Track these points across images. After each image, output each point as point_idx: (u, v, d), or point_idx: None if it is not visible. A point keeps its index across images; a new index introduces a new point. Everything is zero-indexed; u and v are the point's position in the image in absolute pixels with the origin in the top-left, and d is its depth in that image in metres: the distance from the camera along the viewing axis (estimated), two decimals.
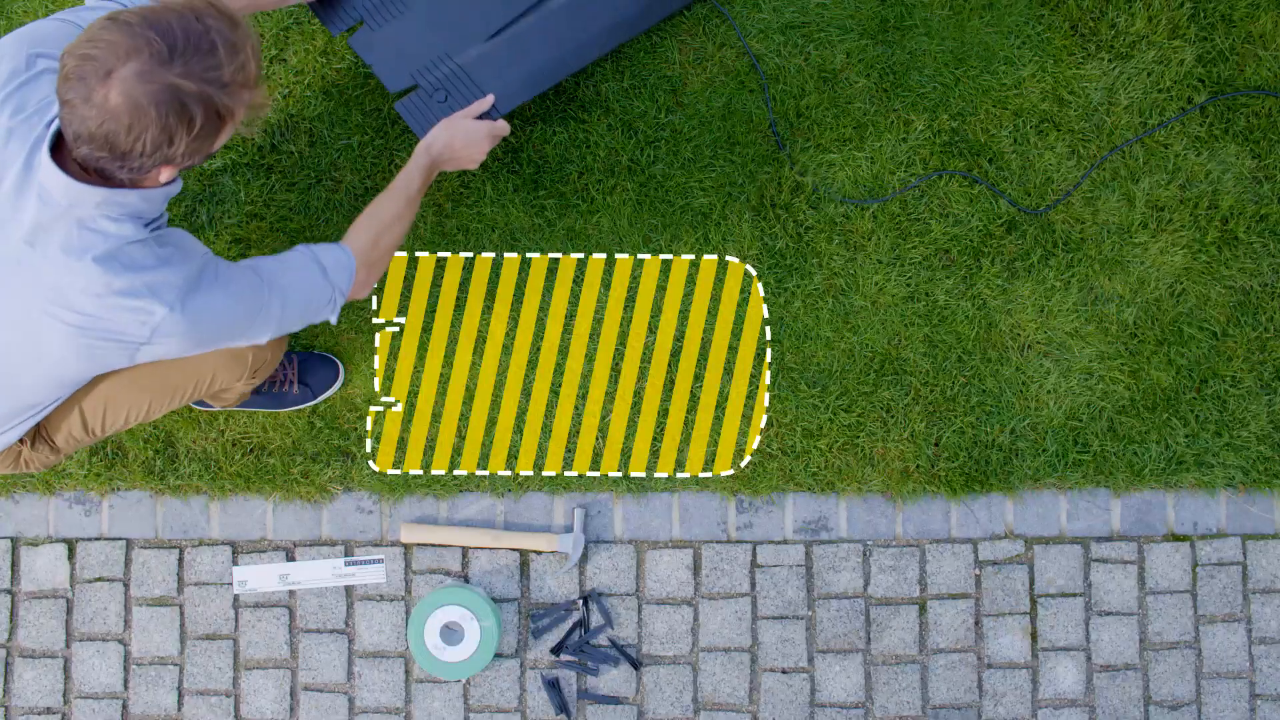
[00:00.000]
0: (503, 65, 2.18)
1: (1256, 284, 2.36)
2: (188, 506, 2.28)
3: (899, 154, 2.36)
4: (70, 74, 1.36)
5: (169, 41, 1.37)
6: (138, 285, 1.49)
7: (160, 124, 1.38)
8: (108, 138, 1.38)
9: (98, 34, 1.37)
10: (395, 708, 2.26)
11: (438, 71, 2.16)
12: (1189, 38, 2.39)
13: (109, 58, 1.35)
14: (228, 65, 1.41)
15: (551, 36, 2.20)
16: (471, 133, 2.04)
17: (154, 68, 1.36)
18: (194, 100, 1.39)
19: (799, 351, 2.32)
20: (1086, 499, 2.32)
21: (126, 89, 1.36)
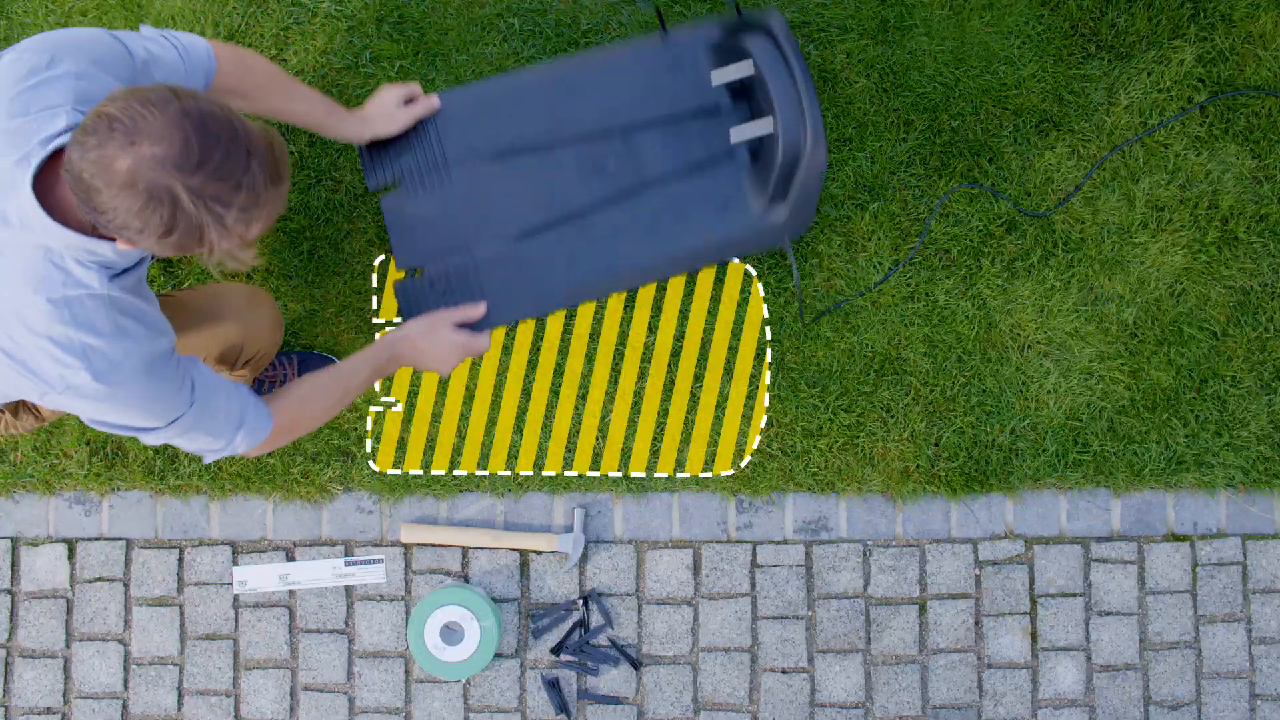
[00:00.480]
0: (516, 275, 2.04)
1: (1256, 284, 2.36)
2: (188, 506, 2.29)
3: (899, 154, 2.36)
4: (103, 117, 1.30)
5: (203, 155, 1.30)
6: (75, 342, 1.43)
7: (140, 212, 1.30)
8: (89, 190, 1.31)
9: (152, 102, 1.30)
10: (395, 708, 2.26)
11: (451, 261, 2.03)
12: (1189, 38, 2.39)
13: (143, 130, 1.29)
14: (238, 210, 1.34)
15: (578, 260, 2.05)
16: (445, 344, 1.92)
17: (172, 166, 1.29)
18: (185, 215, 1.31)
19: (799, 351, 2.32)
20: (1086, 499, 2.32)
21: (135, 165, 1.28)
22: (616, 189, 2.05)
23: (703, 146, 2.06)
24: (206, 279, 2.29)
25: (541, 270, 2.05)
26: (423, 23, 2.37)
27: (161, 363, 1.53)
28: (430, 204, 2.05)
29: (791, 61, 1.89)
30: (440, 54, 2.37)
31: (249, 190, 1.33)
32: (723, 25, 2.07)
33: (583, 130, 2.06)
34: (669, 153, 2.06)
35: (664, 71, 2.07)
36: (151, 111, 1.29)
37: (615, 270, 2.05)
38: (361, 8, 2.38)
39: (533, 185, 2.05)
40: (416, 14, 2.37)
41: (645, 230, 2.05)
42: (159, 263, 2.31)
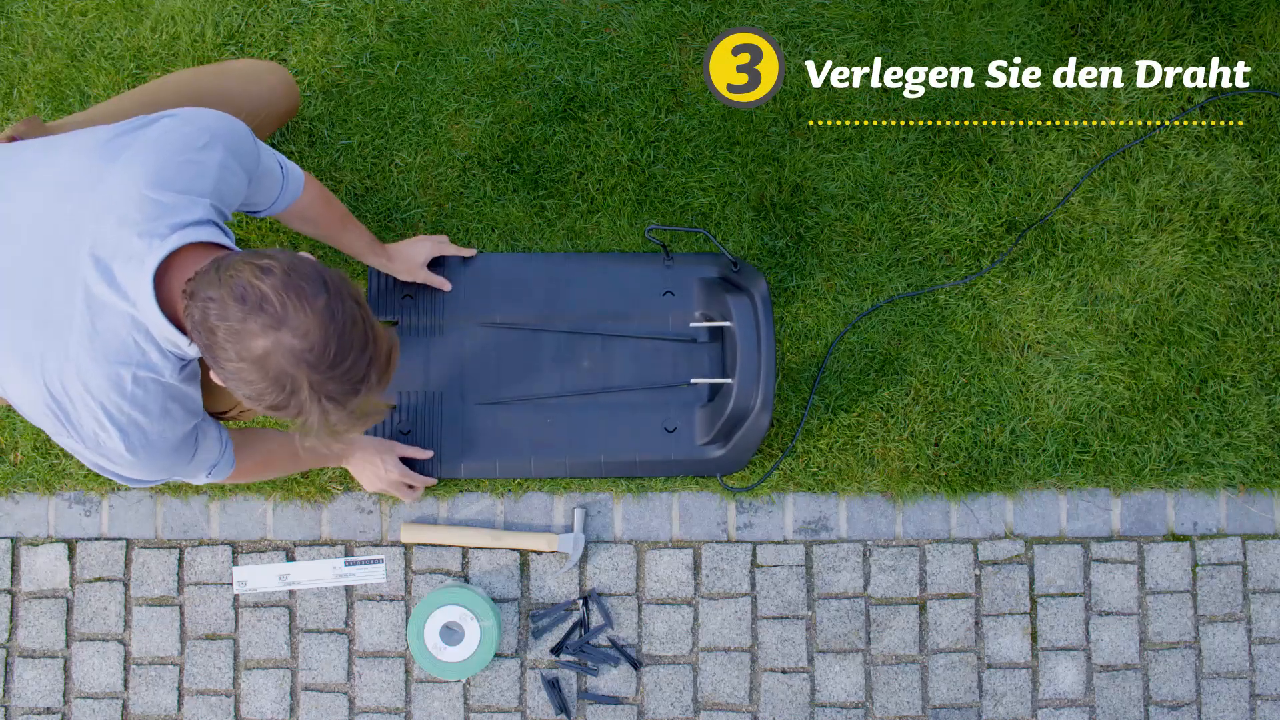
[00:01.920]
0: (469, 438, 2.25)
1: (1256, 284, 2.36)
2: (188, 506, 2.28)
3: (899, 154, 2.36)
4: (254, 291, 1.31)
5: (337, 359, 1.34)
6: (123, 416, 1.46)
7: (259, 387, 1.34)
8: (217, 347, 1.33)
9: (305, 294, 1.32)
10: (395, 708, 2.26)
11: (416, 403, 2.25)
12: (1189, 38, 2.39)
13: (289, 322, 1.31)
14: (348, 412, 1.38)
15: (530, 441, 2.25)
16: (384, 471, 2.16)
17: (303, 361, 1.32)
18: (298, 403, 1.35)
19: (799, 351, 2.32)
20: (1086, 499, 2.32)
21: (271, 350, 1.31)
22: (584, 385, 2.27)
23: (669, 371, 2.28)
24: None
25: (493, 440, 2.25)
26: (422, 23, 2.37)
27: (187, 441, 1.60)
28: (419, 348, 2.26)
29: (762, 333, 2.13)
30: (440, 54, 2.37)
31: (362, 396, 1.39)
32: (720, 269, 2.29)
33: (570, 324, 2.28)
34: (639, 367, 2.28)
35: (657, 295, 2.30)
36: (302, 305, 1.32)
37: (559, 459, 2.26)
38: (361, 8, 2.38)
39: (512, 360, 2.27)
40: (416, 14, 2.37)
41: (598, 431, 2.26)
42: None
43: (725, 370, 2.23)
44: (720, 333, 2.26)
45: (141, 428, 1.49)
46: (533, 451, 2.25)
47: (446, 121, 2.35)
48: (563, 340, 2.28)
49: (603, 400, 2.26)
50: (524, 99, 2.35)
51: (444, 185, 2.34)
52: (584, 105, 2.35)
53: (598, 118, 2.35)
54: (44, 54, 2.35)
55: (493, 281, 2.28)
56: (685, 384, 2.26)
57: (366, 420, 1.43)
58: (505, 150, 2.34)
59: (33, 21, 2.36)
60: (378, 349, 1.39)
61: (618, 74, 2.36)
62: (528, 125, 2.35)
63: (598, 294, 2.29)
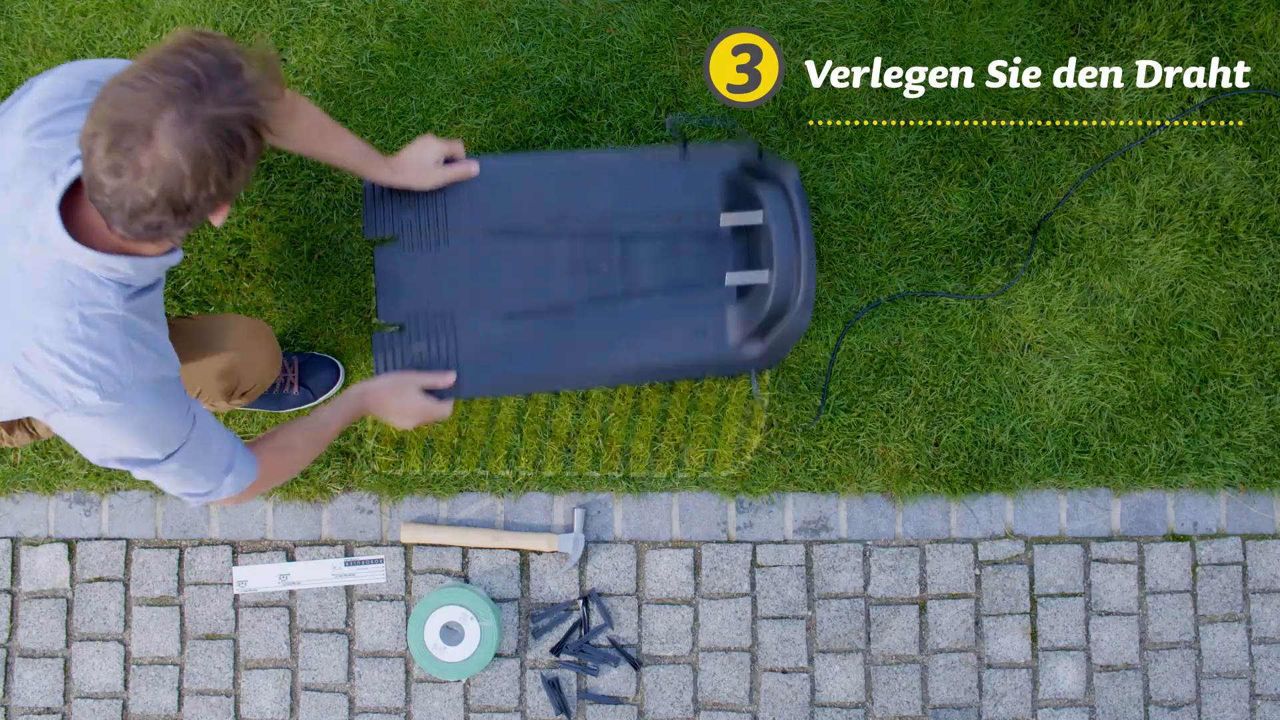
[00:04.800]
0: (490, 354, 2.08)
1: (1256, 284, 2.36)
2: (187, 506, 2.28)
3: (899, 154, 2.36)
4: (107, 149, 1.30)
5: (191, 80, 1.31)
6: (87, 361, 1.44)
7: (219, 158, 1.32)
8: (170, 196, 1.32)
9: (117, 98, 1.31)
10: (395, 708, 2.26)
11: (431, 324, 2.07)
12: (1189, 38, 2.39)
13: (142, 116, 1.29)
14: (250, 80, 1.36)
15: (552, 353, 2.09)
16: (410, 405, 1.98)
17: (190, 108, 1.30)
18: (239, 124, 1.34)
19: (799, 351, 2.32)
20: (1086, 499, 2.32)
21: (175, 139, 1.29)
22: (604, 292, 2.09)
23: (695, 270, 2.10)
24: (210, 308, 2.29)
25: (515, 355, 2.08)
26: (422, 23, 2.37)
27: (168, 388, 1.54)
28: (423, 265, 2.08)
29: (800, 224, 1.94)
30: (440, 54, 2.37)
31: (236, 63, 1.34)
32: (742, 160, 2.10)
33: (584, 228, 2.10)
34: (661, 268, 2.10)
35: (675, 189, 2.10)
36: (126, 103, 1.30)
37: (585, 370, 2.11)
38: (361, 8, 2.38)
39: (525, 270, 2.09)
40: (416, 14, 2.37)
41: (622, 338, 2.09)
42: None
43: (754, 265, 2.03)
44: (749, 232, 2.06)
45: (109, 371, 1.45)
46: (556, 368, 2.09)
47: (446, 121, 2.35)
48: (578, 245, 2.09)
49: (625, 307, 2.08)
50: (524, 99, 2.35)
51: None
52: (584, 105, 2.35)
53: (598, 118, 2.35)
54: (44, 54, 2.35)
55: (498, 186, 2.09)
56: (717, 283, 2.07)
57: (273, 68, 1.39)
58: (505, 150, 2.34)
59: (33, 21, 2.36)
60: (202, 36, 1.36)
61: (618, 74, 2.36)
62: (528, 125, 2.35)
63: (612, 193, 2.10)
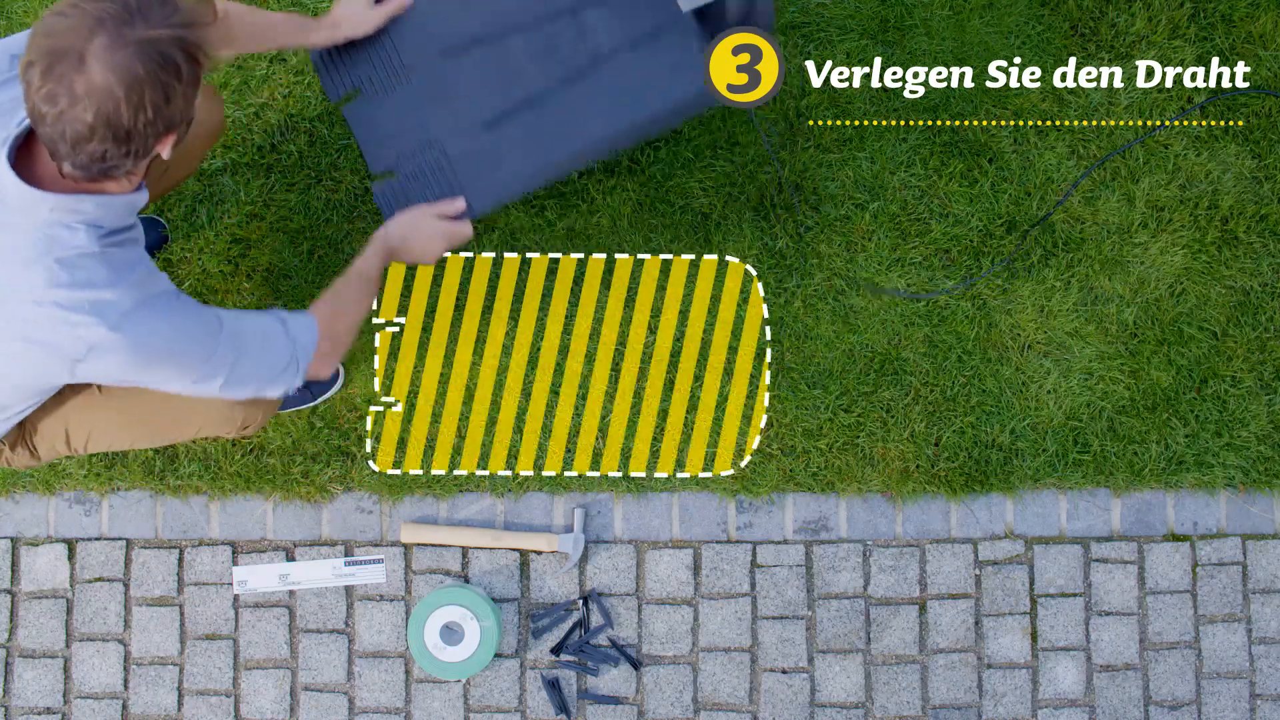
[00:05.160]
0: (487, 163, 2.07)
1: (1256, 284, 2.36)
2: (188, 506, 2.28)
3: (899, 154, 2.36)
4: (42, 75, 1.31)
5: (121, 4, 1.32)
6: (80, 300, 1.43)
7: (153, 81, 1.32)
8: (108, 121, 1.32)
9: (50, 27, 1.31)
10: (395, 708, 2.26)
11: (422, 158, 2.07)
12: (1189, 38, 2.39)
13: (74, 42, 1.30)
14: (181, 5, 1.36)
15: (543, 141, 2.08)
16: (431, 231, 1.95)
17: (121, 31, 1.31)
18: (172, 47, 1.33)
19: (799, 351, 2.32)
20: (1086, 499, 2.32)
21: (107, 62, 1.30)
22: (571, 68, 2.07)
23: (650, 17, 2.08)
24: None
25: (510, 155, 2.07)
26: None
27: (169, 298, 1.53)
28: (393, 107, 2.07)
29: None
30: None
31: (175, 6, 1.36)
32: None
33: (530, 16, 2.08)
34: (617, 27, 2.08)
35: None
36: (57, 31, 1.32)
37: (580, 146, 2.08)
38: None
39: (489, 76, 2.08)
40: None
41: (603, 104, 2.07)
42: (159, 262, 2.31)
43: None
44: None
45: (106, 301, 1.44)
46: (552, 153, 2.06)
47: None
48: (530, 35, 2.07)
49: (596, 76, 2.07)
50: None
51: None
52: None
53: None
54: None
55: (435, 6, 2.05)
56: (676, 20, 2.05)
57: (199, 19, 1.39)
58: None
59: (33, 21, 2.36)
60: None
61: None
62: None
63: None
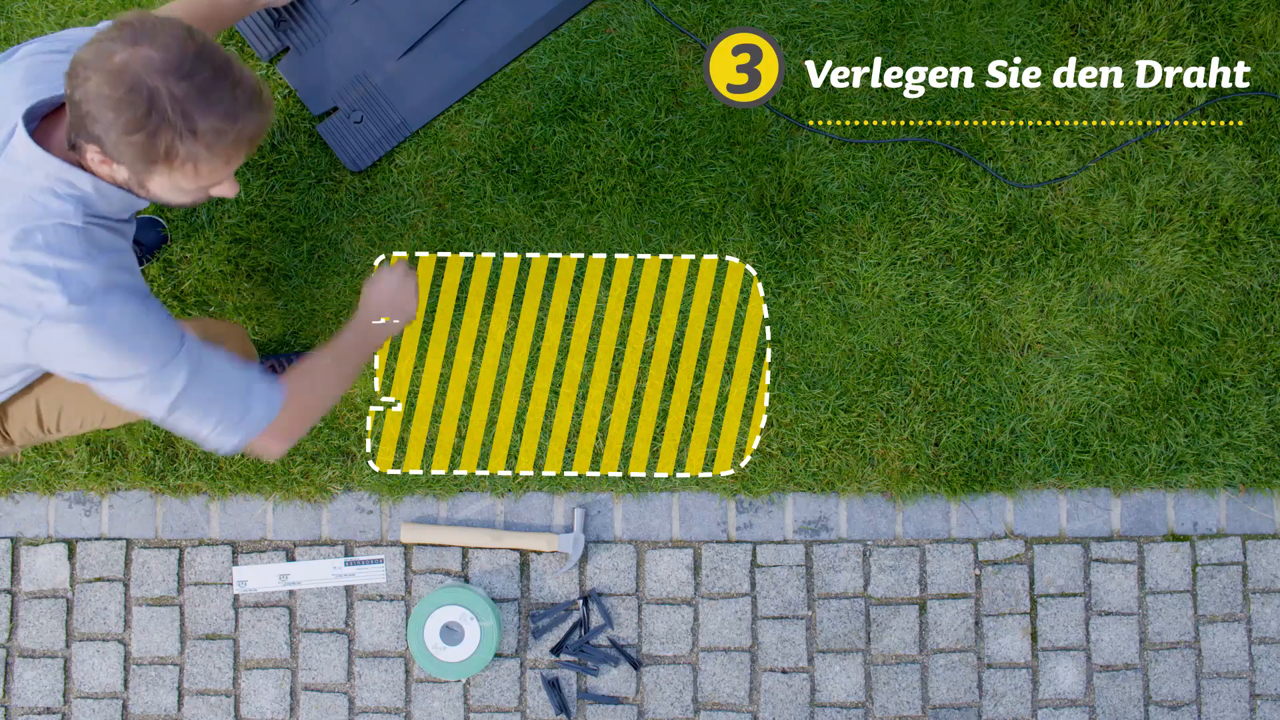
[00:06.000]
0: (414, 82, 2.33)
1: (1256, 284, 2.36)
2: (188, 506, 2.28)
3: (899, 154, 2.36)
4: (120, 23, 1.39)
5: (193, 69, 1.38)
6: (49, 266, 1.44)
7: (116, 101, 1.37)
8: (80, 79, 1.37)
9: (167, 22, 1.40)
10: (395, 708, 2.26)
11: (355, 92, 2.32)
12: (1189, 38, 2.39)
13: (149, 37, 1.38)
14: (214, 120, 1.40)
15: (458, 51, 2.33)
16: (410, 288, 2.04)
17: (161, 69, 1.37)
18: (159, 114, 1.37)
19: (799, 351, 2.32)
20: (1086, 499, 2.32)
21: (129, 60, 1.36)
22: None
23: None
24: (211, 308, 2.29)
25: (438, 69, 2.33)
26: None
27: (139, 294, 1.53)
28: (320, 56, 2.34)
29: None
30: None
31: (228, 108, 1.41)
32: None
33: None
34: None
35: None
36: (164, 27, 1.39)
37: (499, 46, 2.34)
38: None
39: (395, 10, 2.33)
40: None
41: (504, 8, 2.34)
42: (159, 263, 2.31)
43: None
44: None
45: (72, 272, 1.45)
46: (475, 58, 2.33)
47: (446, 121, 2.35)
48: None
49: None
50: (524, 99, 2.35)
51: (444, 185, 2.34)
52: (584, 105, 2.35)
53: (598, 118, 2.35)
54: None
55: None
56: None
57: (241, 133, 1.43)
58: (505, 150, 2.34)
59: (33, 21, 2.36)
60: (241, 73, 1.42)
61: (618, 74, 2.36)
62: (528, 125, 2.35)
63: None
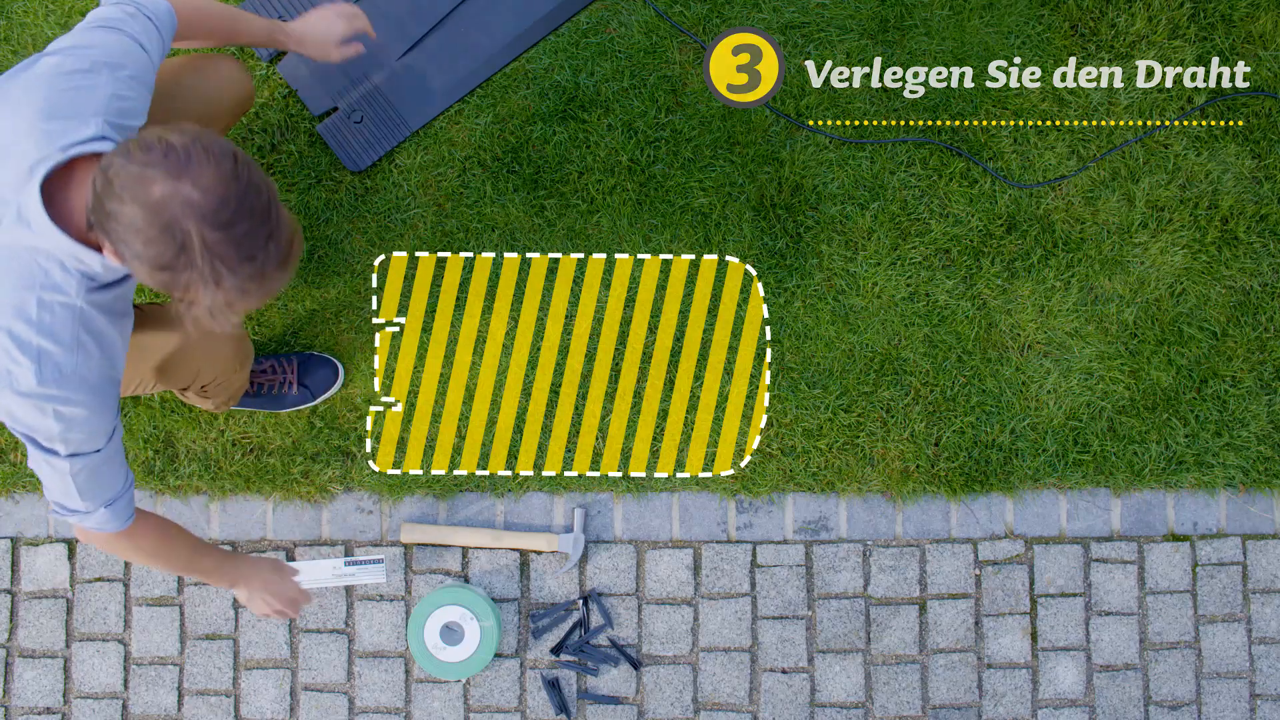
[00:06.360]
0: (414, 82, 2.33)
1: (1256, 284, 2.36)
2: (188, 506, 2.28)
3: (899, 153, 2.36)
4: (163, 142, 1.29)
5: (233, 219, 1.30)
6: (32, 343, 1.42)
7: (148, 237, 1.29)
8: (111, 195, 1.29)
9: (213, 154, 1.30)
10: (395, 708, 2.26)
11: (355, 93, 2.33)
12: (1189, 38, 2.39)
13: (194, 173, 1.28)
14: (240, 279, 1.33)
15: (458, 51, 2.33)
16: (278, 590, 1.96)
17: (198, 214, 1.28)
18: (188, 261, 1.30)
19: (799, 351, 2.32)
20: (1086, 499, 2.32)
21: (167, 196, 1.28)
22: None
23: None
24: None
25: (438, 69, 2.34)
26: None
27: (105, 393, 1.52)
28: None
29: None
30: None
31: (258, 266, 1.34)
32: None
33: None
34: None
35: None
36: (209, 161, 1.29)
37: (499, 46, 2.34)
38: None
39: (398, 8, 2.34)
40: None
41: (503, 8, 2.35)
42: None
43: None
44: None
45: (53, 357, 1.44)
46: (476, 58, 2.33)
47: (446, 121, 2.35)
48: None
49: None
50: (524, 99, 2.35)
51: (444, 185, 2.34)
52: (584, 105, 2.35)
53: (598, 118, 2.35)
54: None
55: None
56: None
57: (261, 292, 1.37)
58: (505, 150, 2.34)
59: (33, 21, 2.36)
60: (279, 224, 1.36)
61: (618, 74, 2.36)
62: (528, 125, 2.35)
63: None
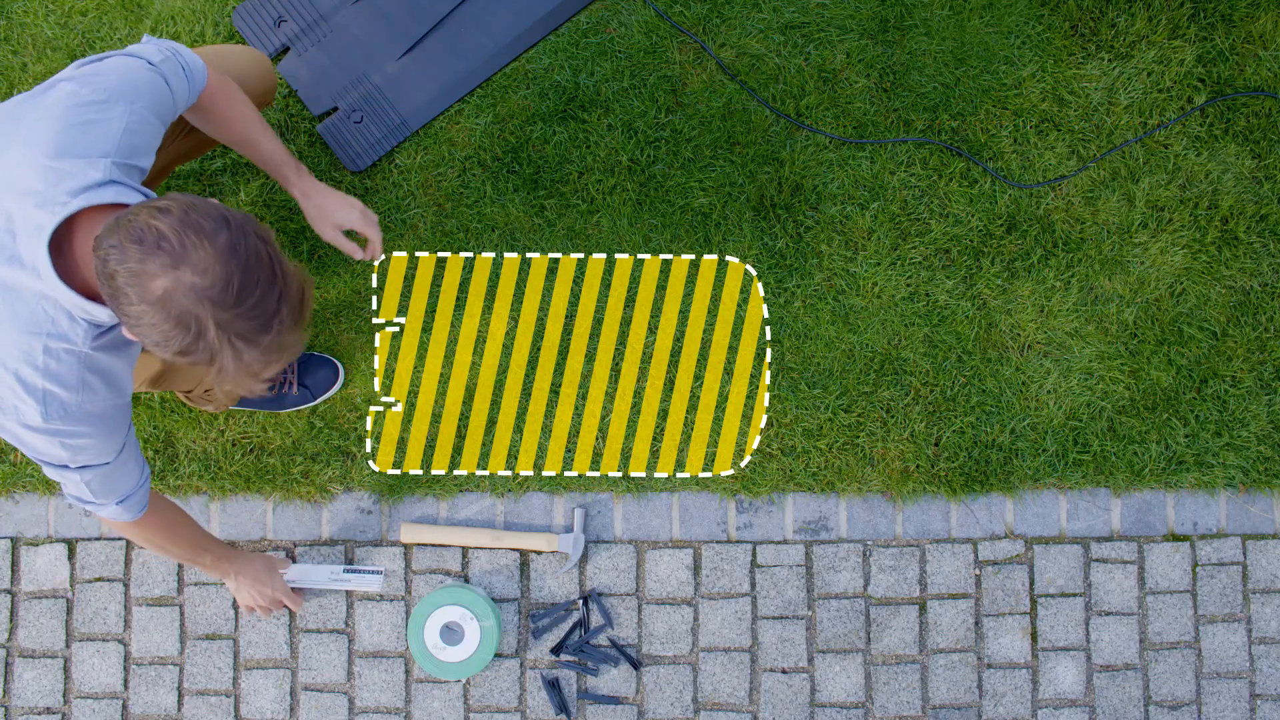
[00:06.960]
0: (414, 82, 2.34)
1: (1256, 284, 2.36)
2: (188, 506, 2.28)
3: (899, 153, 2.36)
4: (152, 230, 1.28)
5: (240, 294, 1.29)
6: (38, 386, 1.44)
7: (164, 330, 1.30)
8: (119, 293, 1.29)
9: (204, 231, 1.29)
10: (395, 708, 2.26)
11: (355, 93, 2.33)
12: (1189, 38, 2.39)
13: (189, 259, 1.27)
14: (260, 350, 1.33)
15: (458, 51, 2.34)
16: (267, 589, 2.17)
17: (205, 298, 1.28)
18: (206, 344, 1.31)
19: (799, 351, 2.32)
20: (1086, 499, 2.32)
21: (171, 289, 1.27)
22: None
23: None
24: None
25: (438, 69, 2.34)
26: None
27: (112, 417, 1.54)
28: (320, 56, 2.35)
29: None
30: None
31: (275, 333, 1.34)
32: None
33: None
34: None
35: None
36: (202, 242, 1.28)
37: (499, 46, 2.35)
38: None
39: (394, 12, 2.35)
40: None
41: (504, 7, 2.35)
42: None
43: None
44: None
45: (59, 398, 1.45)
46: (470, 58, 2.34)
47: (446, 121, 2.35)
48: None
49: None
50: (524, 99, 2.35)
51: (444, 185, 2.34)
52: (584, 105, 2.35)
53: (598, 118, 2.35)
54: (44, 54, 2.35)
55: None
56: None
57: (283, 358, 1.38)
58: (505, 150, 2.34)
59: (33, 21, 2.36)
60: (287, 285, 1.35)
61: (618, 74, 2.36)
62: (528, 125, 2.35)
63: None
